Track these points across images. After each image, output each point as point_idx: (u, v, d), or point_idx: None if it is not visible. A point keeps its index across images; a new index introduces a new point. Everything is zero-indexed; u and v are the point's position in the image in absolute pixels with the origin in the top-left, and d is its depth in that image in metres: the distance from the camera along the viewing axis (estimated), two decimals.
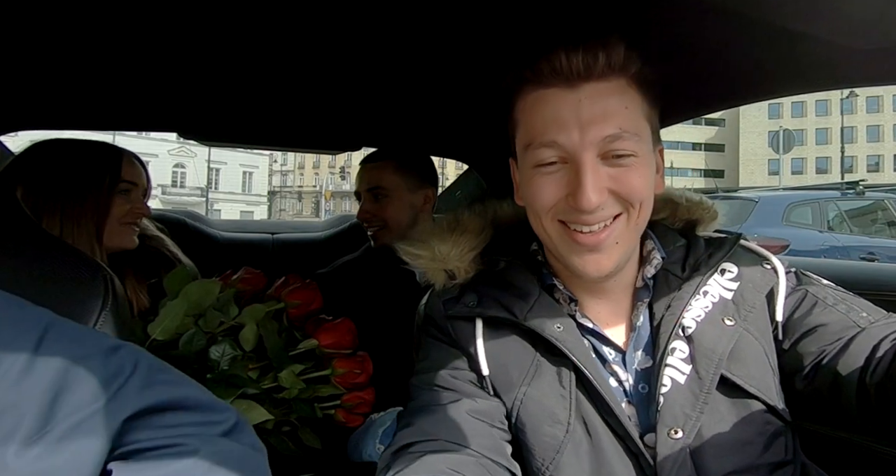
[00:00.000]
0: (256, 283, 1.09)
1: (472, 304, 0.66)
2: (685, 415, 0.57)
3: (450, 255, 0.70)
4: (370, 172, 1.35)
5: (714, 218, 0.72)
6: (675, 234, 0.69)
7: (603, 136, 0.57)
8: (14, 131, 1.23)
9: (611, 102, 0.57)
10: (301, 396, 0.97)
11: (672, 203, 0.72)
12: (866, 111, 34.55)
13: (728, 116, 39.11)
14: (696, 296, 0.62)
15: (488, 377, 0.63)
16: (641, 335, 0.64)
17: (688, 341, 0.60)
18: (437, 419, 0.60)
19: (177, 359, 0.89)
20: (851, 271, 1.41)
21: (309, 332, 1.04)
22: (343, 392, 1.02)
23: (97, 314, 0.59)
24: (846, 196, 5.40)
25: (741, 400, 0.59)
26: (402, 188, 1.33)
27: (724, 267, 0.66)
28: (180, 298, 0.91)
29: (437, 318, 0.69)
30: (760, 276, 0.65)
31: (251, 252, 1.65)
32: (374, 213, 1.32)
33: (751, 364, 0.60)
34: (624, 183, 0.58)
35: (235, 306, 0.98)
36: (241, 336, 0.95)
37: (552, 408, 0.60)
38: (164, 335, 0.89)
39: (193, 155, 30.82)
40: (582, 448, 0.59)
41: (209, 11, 0.73)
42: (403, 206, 1.33)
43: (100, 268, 0.62)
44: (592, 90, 0.58)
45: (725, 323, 0.61)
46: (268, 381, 0.95)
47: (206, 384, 0.87)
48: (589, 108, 0.57)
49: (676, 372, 0.59)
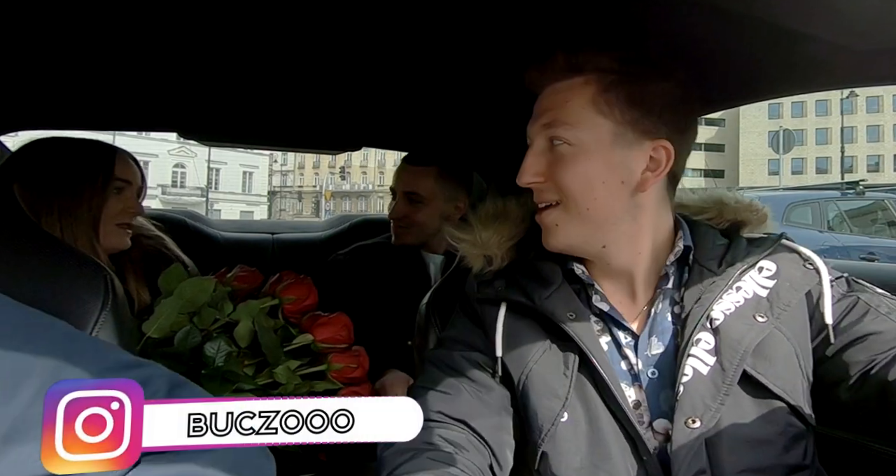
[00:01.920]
0: (252, 281, 1.09)
1: (500, 288, 0.70)
2: (705, 405, 0.58)
3: (490, 242, 0.73)
4: (411, 175, 1.34)
5: (763, 221, 0.72)
6: (717, 234, 0.70)
7: (542, 123, 0.66)
8: (14, 131, 1.23)
9: (556, 98, 0.66)
10: (297, 392, 0.98)
11: (720, 203, 0.74)
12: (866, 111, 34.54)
13: (728, 116, 39.09)
14: (728, 290, 0.63)
15: (500, 359, 0.67)
16: (658, 322, 0.65)
17: (714, 333, 0.61)
18: (444, 402, 0.65)
19: (172, 356, 0.89)
20: (853, 272, 1.41)
21: (305, 327, 1.04)
22: (339, 387, 1.02)
23: (97, 314, 0.58)
24: (846, 196, 5.39)
25: (765, 399, 0.59)
26: (439, 197, 1.34)
27: (763, 264, 0.66)
28: (174, 296, 0.92)
29: (471, 297, 0.73)
30: (801, 275, 0.64)
31: (251, 252, 1.65)
32: (406, 215, 1.32)
33: (778, 364, 0.60)
34: (557, 170, 0.65)
35: (230, 303, 0.98)
36: (236, 332, 0.95)
37: (553, 384, 0.63)
38: (158, 333, 0.89)
39: (193, 155, 30.79)
40: (580, 427, 0.61)
41: (209, 11, 0.73)
42: (436, 213, 1.33)
43: (100, 267, 0.62)
44: (553, 87, 0.67)
45: (757, 319, 0.61)
46: (263, 378, 0.95)
47: (200, 380, 0.89)
48: (543, 103, 0.67)
49: (700, 362, 0.60)
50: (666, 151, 0.65)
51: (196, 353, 0.92)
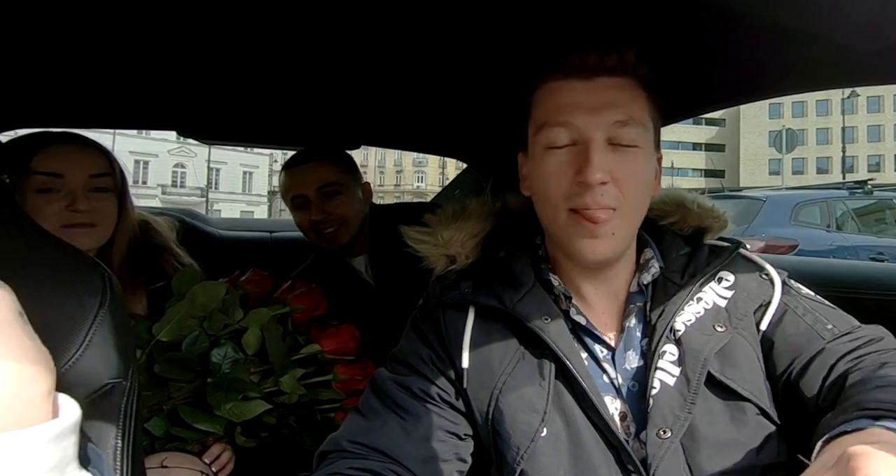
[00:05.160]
0: (263, 286, 1.07)
1: (466, 291, 0.67)
2: (674, 416, 0.58)
3: (452, 240, 0.71)
4: (317, 171, 1.25)
5: (723, 227, 0.72)
6: (681, 243, 0.70)
7: (613, 120, 0.60)
8: (11, 129, 1.20)
9: (621, 93, 0.62)
10: (301, 401, 0.96)
11: (683, 208, 0.72)
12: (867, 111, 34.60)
13: (728, 116, 39.22)
14: (689, 301, 0.64)
15: (466, 371, 0.64)
16: (632, 336, 0.65)
17: (677, 344, 0.62)
18: (379, 433, 0.62)
19: (179, 361, 0.88)
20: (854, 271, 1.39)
21: (313, 337, 1.02)
22: (343, 397, 1.00)
23: (95, 312, 0.55)
24: (854, 195, 5.35)
25: (734, 402, 0.60)
26: (352, 182, 1.30)
27: (722, 275, 0.67)
28: (186, 300, 0.90)
29: (431, 305, 0.70)
30: (756, 286, 0.66)
31: (250, 251, 1.63)
32: (328, 212, 1.25)
33: (743, 367, 0.61)
34: (624, 171, 0.60)
35: (241, 309, 0.96)
36: (244, 340, 0.93)
37: (530, 397, 0.61)
38: (168, 336, 0.88)
39: (193, 155, 30.81)
40: (560, 439, 0.60)
41: (208, 9, 0.71)
42: (356, 200, 1.30)
43: (97, 265, 0.58)
44: (605, 82, 0.62)
45: (716, 329, 0.62)
46: (269, 385, 0.94)
47: (206, 388, 0.87)
48: (601, 96, 0.61)
49: (666, 374, 0.61)
50: (660, 161, 0.68)
51: (203, 360, 0.90)
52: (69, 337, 0.52)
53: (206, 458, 0.86)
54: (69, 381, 0.51)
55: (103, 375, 0.53)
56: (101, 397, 0.53)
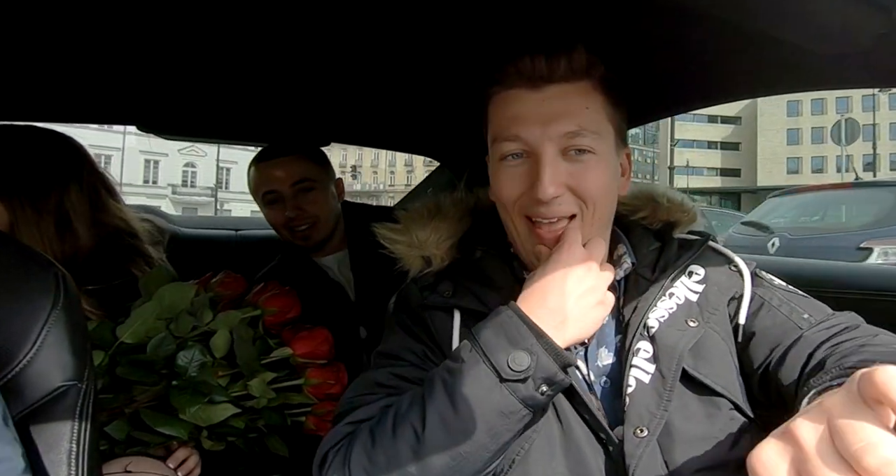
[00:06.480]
0: (236, 288, 1.06)
1: (447, 294, 0.67)
2: (650, 413, 0.58)
3: (427, 242, 0.70)
4: (290, 165, 1.22)
5: (692, 221, 0.72)
6: (651, 237, 0.70)
7: (563, 132, 0.60)
8: None
9: (572, 102, 0.61)
10: (270, 405, 0.94)
11: (653, 202, 0.72)
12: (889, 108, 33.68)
13: (744, 115, 38.46)
14: (661, 297, 0.64)
15: None
16: (605, 333, 0.65)
17: (651, 341, 0.62)
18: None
19: (143, 364, 0.87)
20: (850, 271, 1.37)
21: (285, 340, 1.01)
22: (314, 402, 0.99)
23: (47, 313, 0.55)
24: None
25: (708, 398, 0.60)
26: (326, 177, 1.28)
27: (692, 269, 0.67)
28: (153, 301, 0.89)
29: (413, 307, 0.69)
30: (726, 279, 0.66)
31: (214, 249, 1.60)
32: (302, 208, 1.23)
33: (716, 363, 0.61)
34: (581, 179, 0.60)
35: (210, 311, 0.95)
36: (212, 342, 0.92)
37: None
38: (132, 338, 0.86)
39: (204, 154, 30.82)
40: (553, 434, 0.60)
41: (172, 1, 0.71)
42: (330, 196, 1.28)
43: (51, 264, 0.58)
44: (555, 91, 0.61)
45: (689, 324, 0.62)
46: (237, 389, 0.92)
47: (171, 391, 0.85)
48: (550, 107, 0.61)
49: (641, 372, 0.61)
50: (628, 157, 0.68)
51: (169, 362, 0.89)
52: (19, 337, 0.52)
53: (172, 462, 0.85)
54: (19, 382, 0.52)
55: (57, 378, 0.53)
56: (55, 400, 0.53)
